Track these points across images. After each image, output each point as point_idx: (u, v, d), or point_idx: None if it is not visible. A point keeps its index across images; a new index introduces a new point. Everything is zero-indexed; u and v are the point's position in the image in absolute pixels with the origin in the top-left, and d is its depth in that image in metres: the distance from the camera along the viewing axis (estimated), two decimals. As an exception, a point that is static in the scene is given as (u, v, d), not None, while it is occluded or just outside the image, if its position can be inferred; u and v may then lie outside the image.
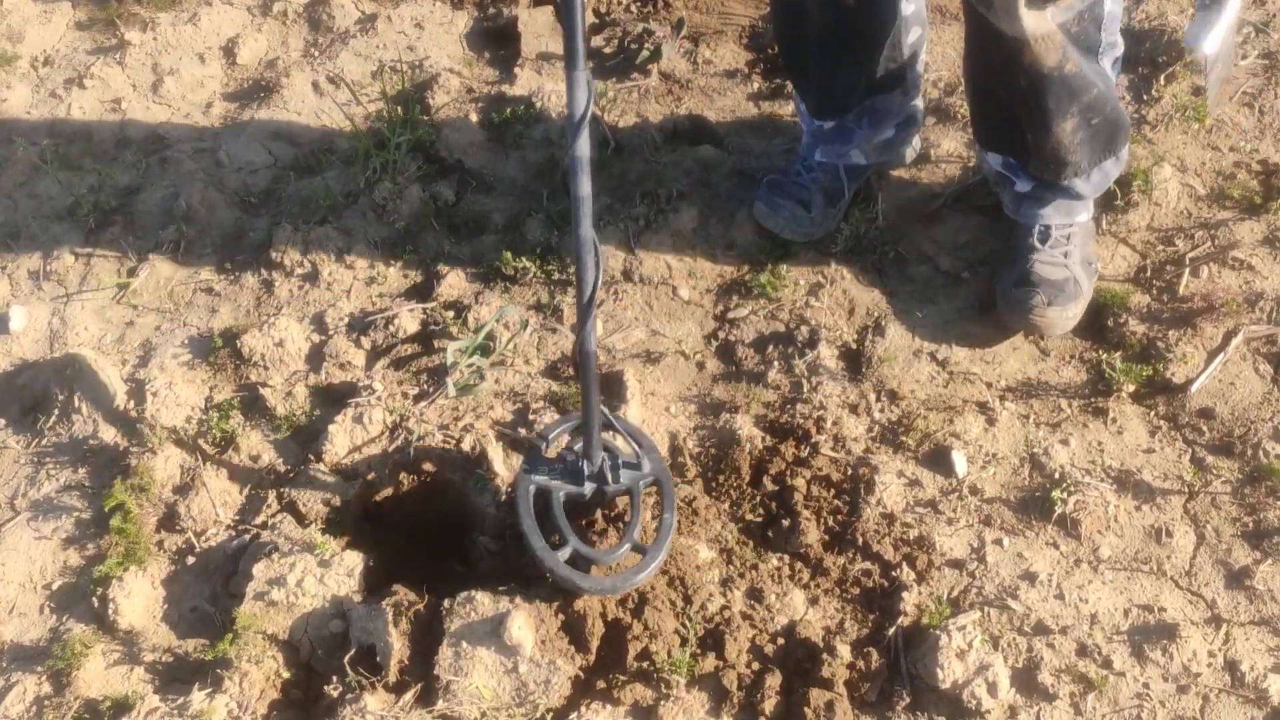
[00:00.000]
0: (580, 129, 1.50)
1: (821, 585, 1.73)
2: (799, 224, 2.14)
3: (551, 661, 1.58)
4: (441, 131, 2.50)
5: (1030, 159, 1.93)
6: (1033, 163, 1.93)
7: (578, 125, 1.50)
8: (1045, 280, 1.95)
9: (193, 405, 2.10)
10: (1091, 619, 1.64)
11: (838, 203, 2.16)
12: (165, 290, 2.35)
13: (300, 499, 1.90)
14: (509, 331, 2.11)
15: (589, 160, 1.54)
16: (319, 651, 1.73)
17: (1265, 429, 1.82)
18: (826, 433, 1.88)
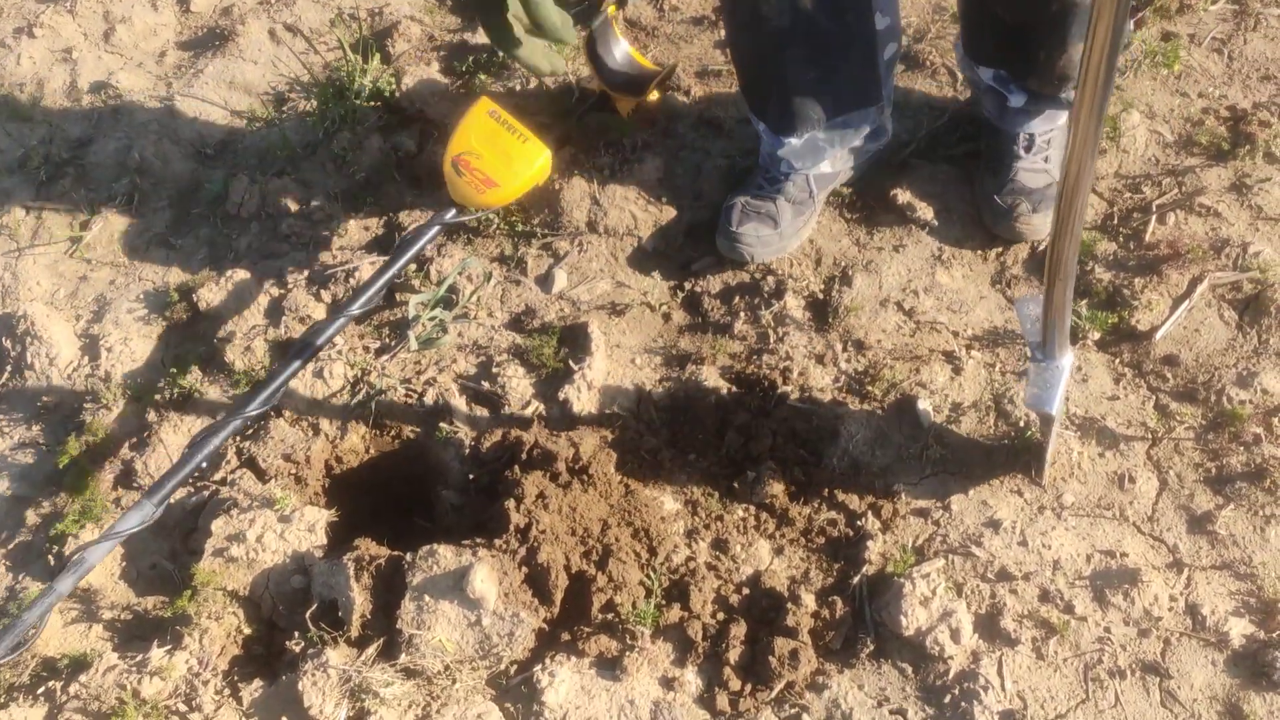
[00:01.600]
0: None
1: (787, 535, 1.72)
2: (766, 245, 2.02)
3: (515, 614, 1.57)
4: (402, 80, 2.44)
5: (1034, 75, 1.92)
6: (1035, 79, 1.92)
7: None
8: (1028, 188, 1.98)
9: (148, 360, 2.07)
10: (1054, 565, 1.64)
11: (806, 213, 2.06)
12: (119, 244, 2.30)
13: (260, 454, 1.87)
14: (472, 284, 2.07)
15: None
16: (280, 607, 1.71)
17: (1229, 375, 1.82)
18: (793, 383, 1.87)
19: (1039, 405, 1.53)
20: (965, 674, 1.54)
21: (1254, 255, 1.94)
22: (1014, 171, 1.99)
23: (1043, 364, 1.52)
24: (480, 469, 1.82)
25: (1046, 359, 1.51)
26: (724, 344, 1.95)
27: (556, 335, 1.97)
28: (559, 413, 1.88)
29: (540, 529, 1.62)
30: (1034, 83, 1.94)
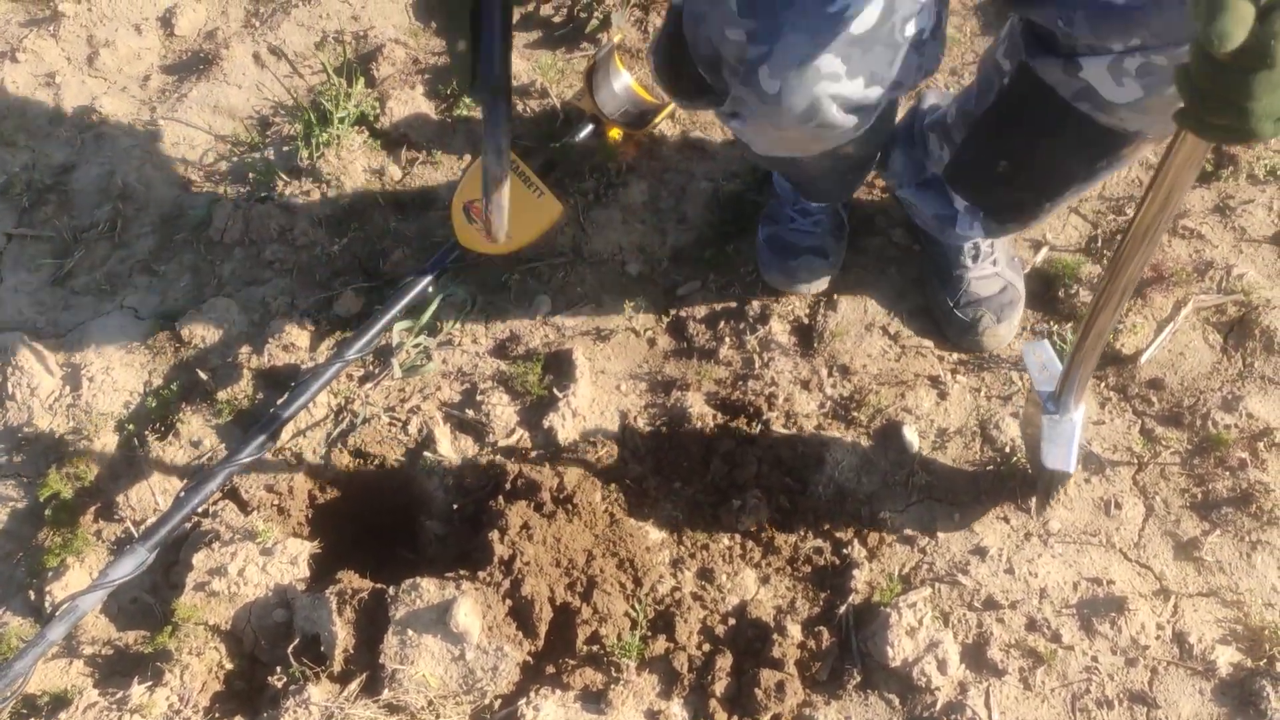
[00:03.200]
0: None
1: (773, 564, 1.71)
2: (817, 273, 1.99)
3: (499, 648, 1.56)
4: (386, 104, 2.43)
5: (1014, 216, 1.81)
6: (1012, 218, 1.82)
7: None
8: (984, 297, 1.91)
9: (131, 390, 2.05)
10: (1041, 593, 1.63)
11: (843, 233, 2.05)
12: (102, 271, 2.28)
13: (242, 485, 1.85)
14: (457, 311, 2.06)
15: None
16: (262, 642, 1.69)
17: (1214, 399, 1.81)
18: (778, 409, 1.86)
19: (1058, 465, 1.51)
20: (952, 705, 1.54)
21: (1238, 278, 1.94)
22: (965, 283, 1.91)
23: (1057, 418, 1.50)
24: (464, 498, 1.81)
25: (1061, 412, 1.50)
26: (709, 370, 1.94)
27: (541, 362, 1.97)
28: (543, 440, 1.87)
29: (524, 561, 1.61)
30: (1007, 222, 1.85)
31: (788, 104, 1.39)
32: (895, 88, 1.44)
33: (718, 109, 1.53)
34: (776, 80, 1.36)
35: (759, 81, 1.37)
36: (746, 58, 1.36)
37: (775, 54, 1.34)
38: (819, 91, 1.37)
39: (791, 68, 1.35)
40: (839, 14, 1.33)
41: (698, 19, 1.41)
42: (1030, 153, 1.61)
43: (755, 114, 1.44)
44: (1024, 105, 1.54)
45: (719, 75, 1.44)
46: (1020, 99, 1.54)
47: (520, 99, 2.46)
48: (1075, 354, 1.42)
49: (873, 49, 1.36)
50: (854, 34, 1.34)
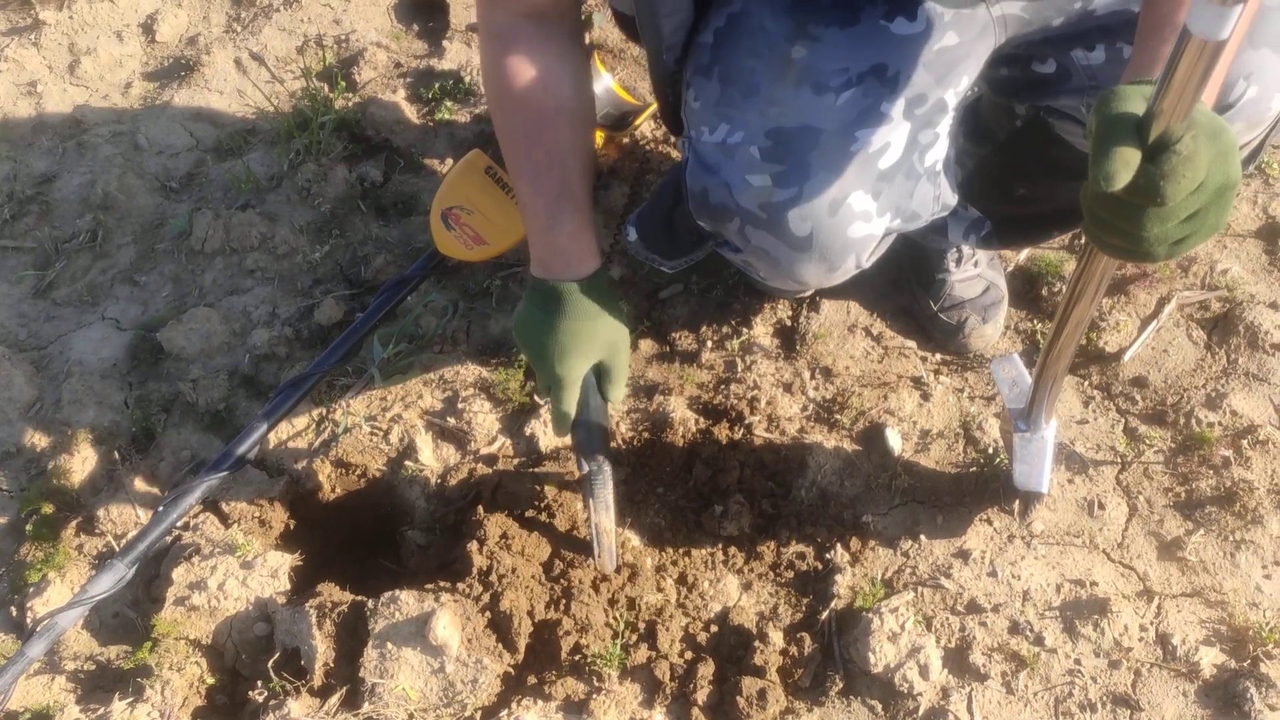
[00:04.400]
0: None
1: (755, 570, 1.70)
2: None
3: (478, 660, 1.55)
4: (367, 109, 2.42)
5: (1025, 234, 1.80)
6: (1020, 236, 1.80)
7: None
8: (968, 299, 1.89)
9: (112, 402, 2.04)
10: (1024, 595, 1.62)
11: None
12: (83, 282, 2.27)
13: (222, 498, 1.84)
14: (437, 317, 2.05)
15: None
16: (243, 655, 1.69)
17: (1198, 396, 1.80)
18: (760, 413, 1.85)
19: (1029, 484, 1.50)
20: (935, 711, 1.53)
21: (1222, 273, 1.93)
22: (948, 286, 1.90)
23: (1027, 435, 1.49)
24: (445, 508, 1.80)
25: (1032, 430, 1.48)
26: (691, 374, 1.93)
27: (522, 368, 1.96)
28: (525, 448, 1.86)
29: (502, 573, 1.60)
30: (1017, 244, 1.84)
31: (820, 246, 1.35)
32: (912, 219, 1.42)
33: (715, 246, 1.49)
34: (808, 222, 1.32)
35: (787, 225, 1.33)
36: (773, 202, 1.32)
37: (805, 195, 1.31)
38: (852, 233, 1.35)
39: (824, 209, 1.32)
40: (864, 149, 1.31)
41: (709, 169, 1.36)
42: (1052, 189, 1.61)
43: (779, 260, 1.39)
44: (1043, 149, 1.53)
45: (728, 225, 1.39)
46: (1038, 143, 1.54)
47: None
48: (1040, 375, 1.41)
49: (895, 180, 1.35)
50: (881, 169, 1.33)
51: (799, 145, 1.30)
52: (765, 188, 1.32)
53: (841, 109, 1.31)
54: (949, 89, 1.35)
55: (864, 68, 1.31)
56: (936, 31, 1.33)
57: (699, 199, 1.40)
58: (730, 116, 1.35)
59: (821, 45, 1.33)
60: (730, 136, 1.34)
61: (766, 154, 1.31)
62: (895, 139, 1.32)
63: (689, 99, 1.42)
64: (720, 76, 1.38)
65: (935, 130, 1.36)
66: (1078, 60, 1.36)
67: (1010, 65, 1.44)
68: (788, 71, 1.32)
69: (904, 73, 1.32)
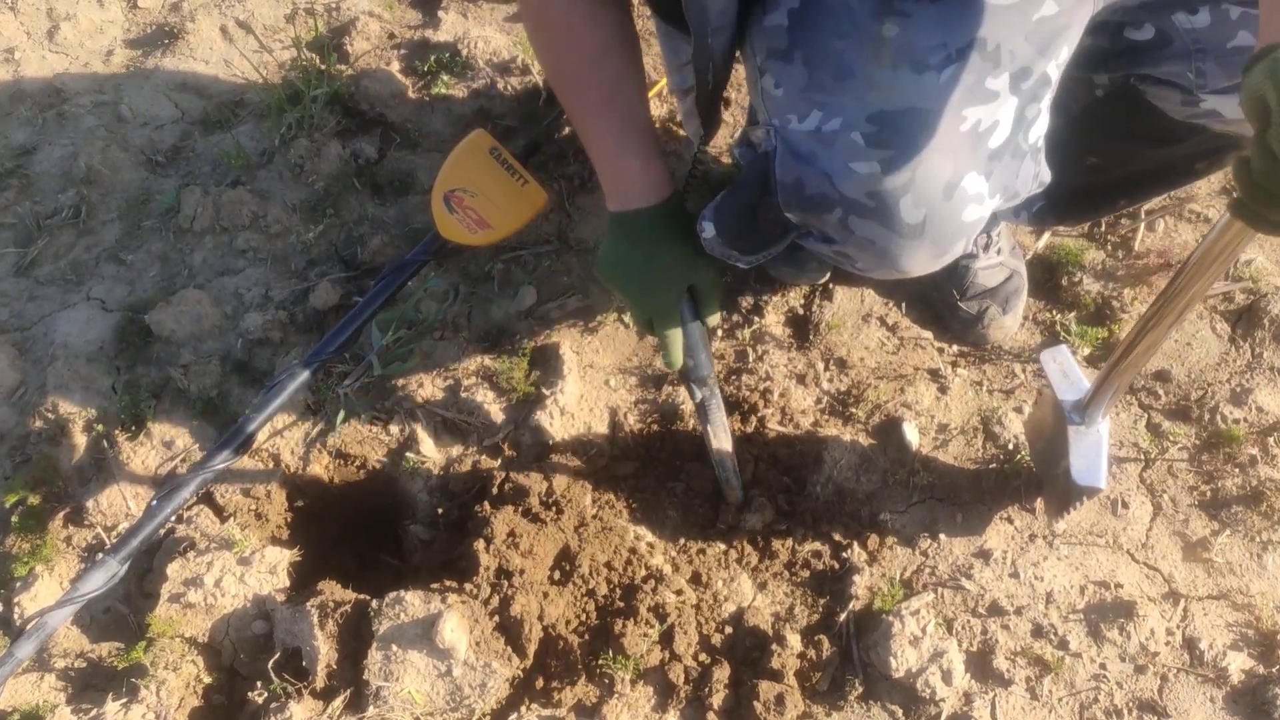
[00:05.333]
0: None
1: (770, 569, 1.66)
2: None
3: (487, 664, 1.50)
4: (361, 82, 2.33)
5: (1087, 206, 1.76)
6: (1081, 209, 1.76)
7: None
8: (990, 288, 1.84)
9: (99, 387, 1.96)
10: (1047, 597, 1.58)
11: None
12: (67, 260, 2.18)
13: (218, 490, 1.78)
14: (438, 302, 1.98)
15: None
16: (242, 655, 1.63)
17: (1223, 391, 1.76)
18: (773, 405, 1.80)
19: (1088, 480, 1.43)
20: (958, 717, 1.49)
21: (1246, 264, 1.88)
22: (971, 274, 1.84)
23: (1082, 429, 1.43)
24: (449, 502, 1.74)
25: (1088, 424, 1.43)
26: (702, 364, 1.87)
27: (527, 357, 1.89)
28: (531, 440, 1.80)
29: (511, 574, 1.55)
30: (1074, 218, 1.80)
31: (934, 233, 1.28)
32: (1012, 198, 1.36)
33: (798, 238, 1.43)
34: (921, 209, 1.25)
35: (898, 212, 1.25)
36: (882, 190, 1.24)
37: (919, 181, 1.23)
38: (966, 216, 1.28)
39: (938, 193, 1.25)
40: (974, 129, 1.24)
41: (804, 158, 1.28)
42: (1128, 156, 1.55)
43: (885, 249, 1.32)
44: (1128, 118, 1.47)
45: (827, 216, 1.31)
46: (1119, 112, 1.47)
47: (500, 75, 2.36)
48: (1114, 368, 1.36)
49: (1004, 160, 1.29)
50: (991, 148, 1.26)
51: (907, 128, 1.23)
52: (873, 175, 1.24)
53: (945, 87, 1.23)
54: (1051, 60, 1.28)
55: (963, 42, 1.24)
56: (1034, 1, 1.26)
57: (792, 190, 1.32)
58: (823, 102, 1.27)
59: (913, 21, 1.25)
60: (826, 123, 1.26)
61: (871, 139, 1.23)
62: (1003, 116, 1.26)
63: (767, 86, 1.34)
64: (805, 60, 1.30)
65: (1040, 105, 1.29)
66: (1179, 24, 1.29)
67: (1099, 34, 1.36)
68: (882, 51, 1.25)
69: (1005, 45, 1.24)
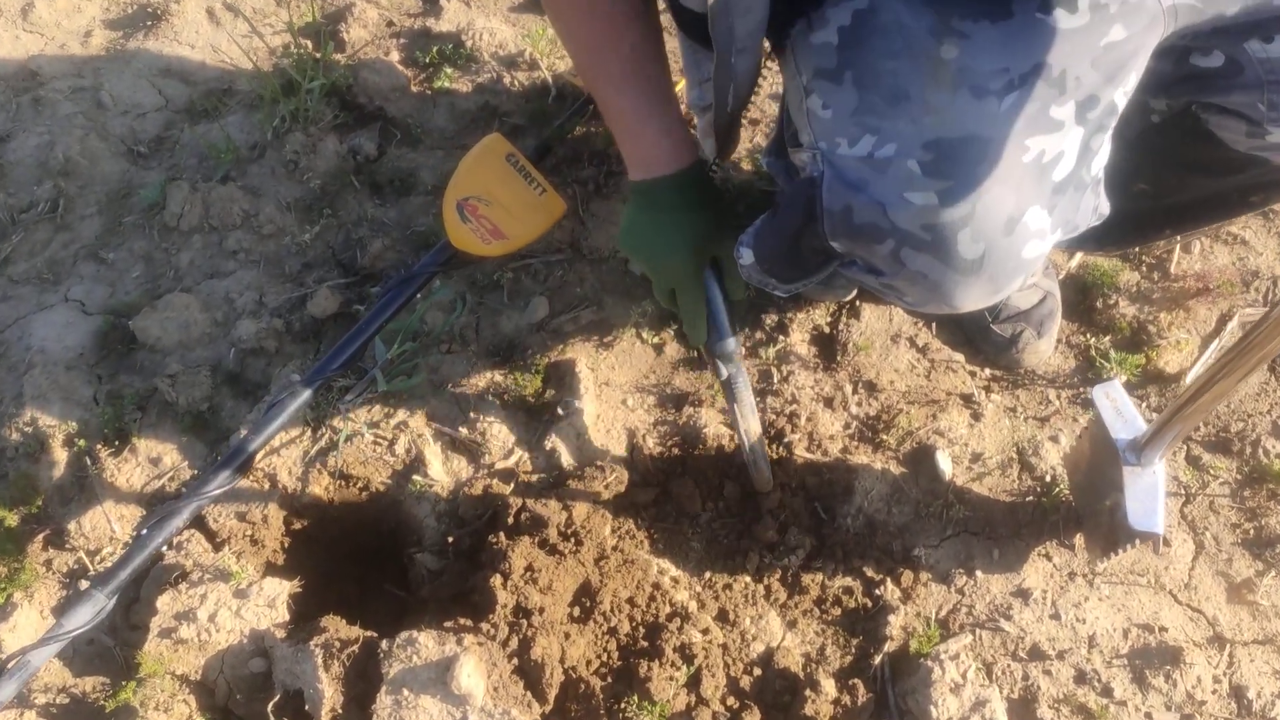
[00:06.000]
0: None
1: (800, 606, 1.58)
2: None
3: (505, 711, 1.41)
4: (359, 73, 2.21)
5: (1131, 233, 1.69)
6: (1124, 237, 1.68)
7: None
8: (1024, 310, 1.77)
9: (80, 397, 1.84)
10: (1089, 641, 1.52)
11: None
12: (43, 258, 2.05)
13: (210, 513, 1.67)
14: (445, 313, 1.88)
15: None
16: (238, 695, 1.53)
17: (1264, 424, 1.70)
18: (800, 430, 1.71)
19: (1144, 525, 1.35)
20: (1000, 769, 1.42)
21: (1289, 289, 1.82)
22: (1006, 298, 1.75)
23: (1138, 470, 1.36)
24: (460, 529, 1.65)
25: (1145, 465, 1.35)
26: (723, 384, 1.78)
27: (540, 373, 1.80)
28: (545, 463, 1.70)
29: (531, 611, 1.46)
30: (1118, 245, 1.75)
31: (992, 269, 1.20)
32: (1071, 231, 1.28)
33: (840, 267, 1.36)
34: (980, 243, 1.17)
35: (955, 247, 1.17)
36: (939, 222, 1.16)
37: (979, 214, 1.15)
38: (1027, 252, 1.20)
39: (999, 228, 1.17)
40: (1038, 160, 1.16)
41: (854, 186, 1.20)
42: (1178, 185, 1.47)
43: (939, 284, 1.23)
44: (1180, 145, 1.39)
45: (877, 248, 1.23)
46: (1175, 139, 1.39)
47: (507, 70, 2.25)
48: (1179, 409, 1.28)
49: (1067, 192, 1.20)
50: (1056, 181, 1.18)
51: (966, 157, 1.15)
52: (930, 206, 1.16)
53: (1007, 115, 1.15)
54: (1118, 88, 1.20)
55: (1026, 67, 1.16)
56: (1102, 24, 1.17)
57: (839, 219, 1.24)
58: (875, 127, 1.19)
59: (973, 43, 1.17)
60: (879, 149, 1.18)
61: (928, 168, 1.15)
62: (1069, 146, 1.18)
63: (813, 107, 1.25)
64: (855, 81, 1.21)
65: (1105, 135, 1.22)
66: (1253, 53, 1.21)
67: (1163, 59, 1.28)
68: (940, 73, 1.16)
69: (1070, 72, 1.16)
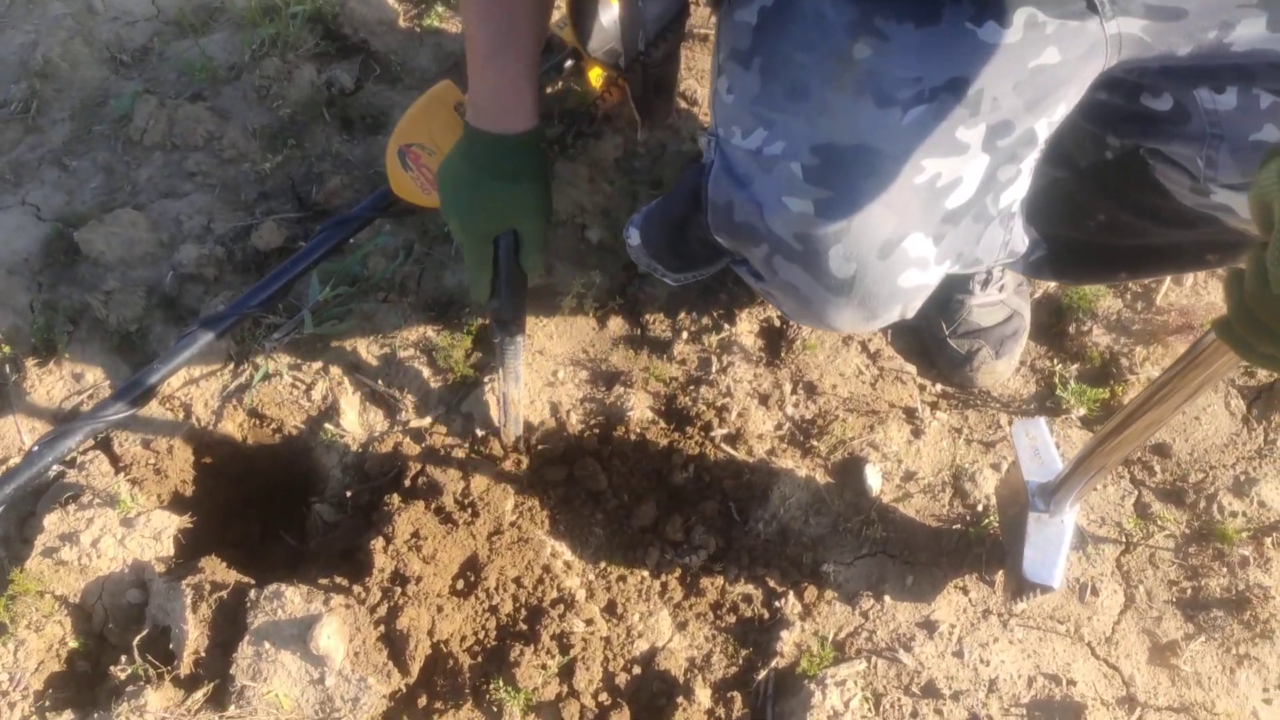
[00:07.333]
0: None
1: (694, 608, 1.51)
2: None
3: (363, 678, 1.36)
4: (347, 3, 2.15)
5: (1086, 270, 1.59)
6: (1081, 271, 1.59)
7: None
8: (984, 328, 1.67)
9: (16, 303, 1.82)
10: (990, 685, 1.43)
11: None
12: (8, 158, 2.03)
13: (117, 437, 1.64)
14: (387, 259, 1.82)
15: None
16: (112, 623, 1.50)
17: (1225, 478, 1.59)
18: (728, 424, 1.63)
19: (1039, 577, 1.27)
20: (867, 807, 1.35)
21: (1275, 336, 1.69)
22: (965, 310, 1.66)
23: (1044, 517, 1.27)
24: (362, 484, 1.60)
25: (1053, 513, 1.27)
26: (659, 367, 1.71)
27: (472, 334, 1.73)
28: (460, 428, 1.65)
29: (408, 579, 1.41)
30: (1073, 277, 1.64)
31: (863, 292, 1.12)
32: (972, 265, 1.19)
33: (732, 264, 1.29)
34: (851, 264, 1.09)
35: (826, 263, 1.10)
36: (812, 234, 1.08)
37: (853, 231, 1.07)
38: (903, 281, 1.12)
39: (873, 250, 1.08)
40: (930, 183, 1.07)
41: (739, 181, 1.13)
42: (1134, 229, 1.35)
43: (809, 300, 1.16)
44: (1135, 191, 1.28)
45: (753, 250, 1.16)
46: (1130, 183, 1.28)
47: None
48: (1088, 457, 1.19)
49: (961, 223, 1.11)
50: (948, 209, 1.09)
51: (852, 168, 1.07)
52: (805, 215, 1.08)
53: (908, 130, 1.06)
54: (1041, 118, 1.10)
55: (940, 81, 1.06)
56: (1034, 44, 1.07)
57: (721, 213, 1.17)
58: (770, 120, 1.11)
59: (890, 46, 1.07)
60: (768, 145, 1.10)
61: (811, 174, 1.07)
62: (969, 173, 1.08)
63: (720, 89, 1.17)
64: (762, 68, 1.13)
65: (1018, 166, 1.12)
66: (1202, 101, 1.10)
67: (1113, 91, 1.17)
68: (846, 74, 1.08)
69: (988, 92, 1.07)
